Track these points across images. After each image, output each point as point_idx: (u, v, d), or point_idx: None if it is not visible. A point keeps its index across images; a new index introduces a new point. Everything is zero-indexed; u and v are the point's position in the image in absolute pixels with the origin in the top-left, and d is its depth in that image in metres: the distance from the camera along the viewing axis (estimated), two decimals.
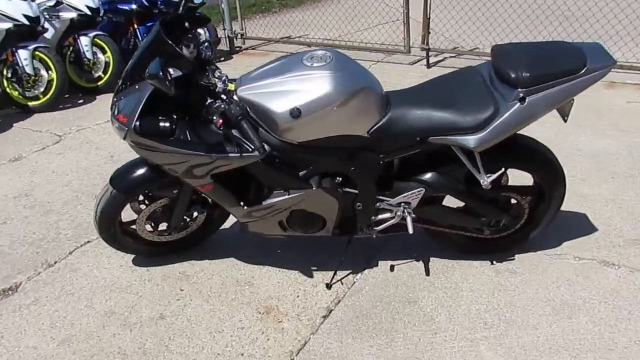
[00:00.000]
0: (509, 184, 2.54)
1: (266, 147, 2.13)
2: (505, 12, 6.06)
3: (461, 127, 2.15)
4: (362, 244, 2.73)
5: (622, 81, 5.02)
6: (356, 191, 2.34)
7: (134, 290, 2.57)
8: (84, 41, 5.28)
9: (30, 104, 4.98)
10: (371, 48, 6.51)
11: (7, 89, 4.92)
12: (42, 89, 4.96)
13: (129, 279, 2.64)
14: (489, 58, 2.33)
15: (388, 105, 2.22)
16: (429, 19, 5.93)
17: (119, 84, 2.17)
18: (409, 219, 2.36)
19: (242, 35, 7.36)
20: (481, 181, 2.26)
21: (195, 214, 2.61)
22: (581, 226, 2.88)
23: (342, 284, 2.56)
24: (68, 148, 4.21)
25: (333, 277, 2.57)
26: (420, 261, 2.67)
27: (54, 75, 4.95)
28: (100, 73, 5.46)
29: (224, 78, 2.04)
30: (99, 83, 5.46)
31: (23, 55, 4.80)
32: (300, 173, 2.24)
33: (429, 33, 5.97)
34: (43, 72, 4.94)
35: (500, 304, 2.38)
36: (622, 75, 5.01)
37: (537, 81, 2.09)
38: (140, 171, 2.37)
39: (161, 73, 1.78)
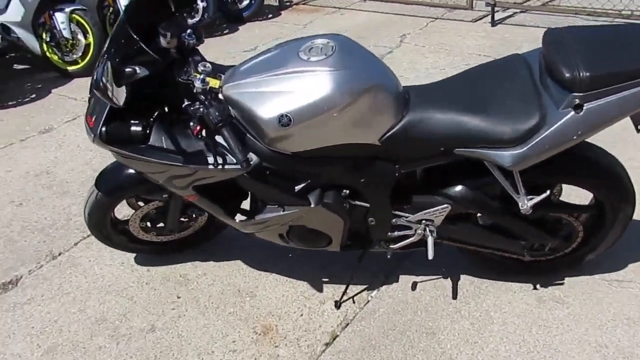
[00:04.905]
0: (560, 199, 2.08)
1: (254, 158, 1.80)
2: None
3: (495, 139, 1.70)
4: (382, 254, 2.39)
5: None
6: (367, 205, 1.97)
7: (129, 293, 2.38)
8: (123, 2, 5.05)
9: (70, 68, 4.86)
10: (430, 3, 5.91)
11: (48, 53, 4.81)
12: (80, 54, 4.82)
13: (127, 280, 2.45)
14: (565, 14, 1.79)
15: (406, 105, 1.81)
16: None
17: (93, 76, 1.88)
18: (430, 241, 1.98)
19: None
20: (520, 204, 1.83)
21: (194, 215, 2.35)
22: None
23: (353, 302, 2.25)
24: None
25: (344, 293, 2.25)
26: (449, 279, 2.30)
27: (91, 39, 4.78)
28: None
29: (203, 75, 1.68)
30: None
31: (60, 18, 4.63)
32: (296, 187, 1.89)
33: None
34: (80, 36, 4.78)
35: (537, 346, 1.98)
36: None
37: (599, 84, 1.58)
38: (127, 172, 2.11)
39: (102, 84, 1.47)
